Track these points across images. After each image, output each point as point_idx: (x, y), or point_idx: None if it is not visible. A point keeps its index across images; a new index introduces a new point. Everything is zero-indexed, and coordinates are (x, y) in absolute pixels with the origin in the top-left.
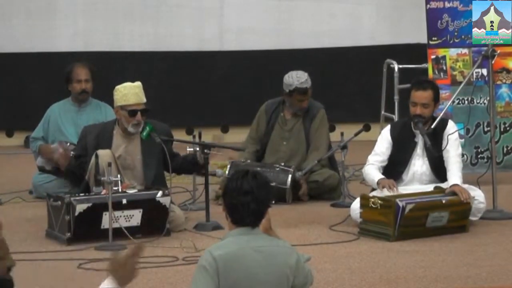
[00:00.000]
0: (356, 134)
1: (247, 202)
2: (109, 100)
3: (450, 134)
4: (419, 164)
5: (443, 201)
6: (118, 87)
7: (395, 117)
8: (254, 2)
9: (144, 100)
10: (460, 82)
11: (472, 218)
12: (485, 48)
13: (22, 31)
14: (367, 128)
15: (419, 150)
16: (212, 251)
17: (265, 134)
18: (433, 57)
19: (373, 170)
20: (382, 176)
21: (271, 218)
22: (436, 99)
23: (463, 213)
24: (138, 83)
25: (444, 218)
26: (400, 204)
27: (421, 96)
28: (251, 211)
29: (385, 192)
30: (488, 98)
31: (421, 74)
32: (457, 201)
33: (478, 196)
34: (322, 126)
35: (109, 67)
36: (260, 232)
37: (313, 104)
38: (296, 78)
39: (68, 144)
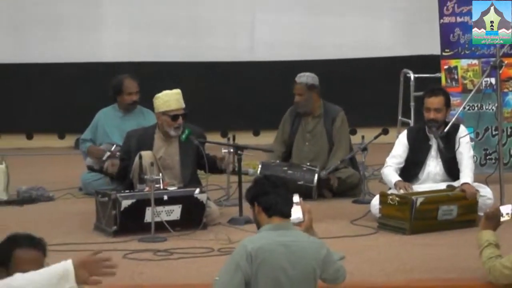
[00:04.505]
0: (375, 137)
1: (280, 192)
2: (151, 106)
3: (462, 137)
4: (433, 165)
5: (450, 195)
6: (159, 95)
7: (411, 122)
8: (283, 17)
9: (183, 105)
10: (471, 90)
11: (481, 213)
12: (493, 59)
13: (72, 43)
14: (385, 132)
15: (433, 152)
16: (246, 245)
17: (290, 136)
18: (446, 67)
19: (391, 172)
20: (399, 178)
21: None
22: (447, 104)
23: (470, 207)
24: (178, 90)
25: (453, 211)
26: (414, 199)
27: (434, 101)
28: (286, 199)
29: (401, 192)
30: (496, 105)
31: (435, 82)
32: (463, 195)
33: (486, 193)
34: (343, 127)
35: (150, 76)
36: (292, 227)
37: (332, 108)
38: (299, 75)
39: (114, 146)
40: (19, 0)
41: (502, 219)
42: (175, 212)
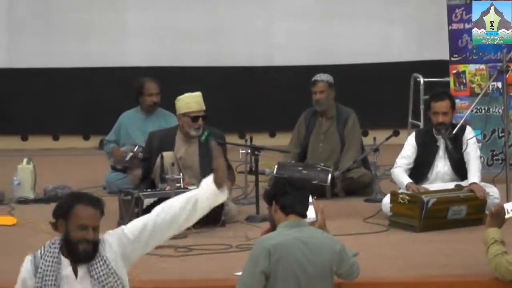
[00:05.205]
0: (386, 139)
1: (299, 194)
2: (173, 109)
3: (469, 139)
4: (441, 165)
5: (461, 196)
6: (180, 97)
7: (421, 124)
8: (298, 23)
9: (204, 107)
10: (478, 94)
11: (488, 212)
12: (500, 64)
13: (97, 49)
14: (396, 134)
15: (441, 152)
16: (264, 241)
17: (305, 138)
18: (454, 71)
19: (401, 173)
20: (410, 180)
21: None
22: (453, 106)
23: (479, 207)
24: (198, 93)
25: (463, 211)
26: (424, 199)
27: (441, 105)
28: (303, 201)
29: None
30: (502, 108)
31: (444, 86)
32: (473, 196)
33: (493, 192)
34: (354, 128)
35: (172, 80)
36: (307, 224)
37: (344, 110)
38: (319, 75)
39: (137, 146)
40: (48, 7)
41: (507, 216)
42: None
